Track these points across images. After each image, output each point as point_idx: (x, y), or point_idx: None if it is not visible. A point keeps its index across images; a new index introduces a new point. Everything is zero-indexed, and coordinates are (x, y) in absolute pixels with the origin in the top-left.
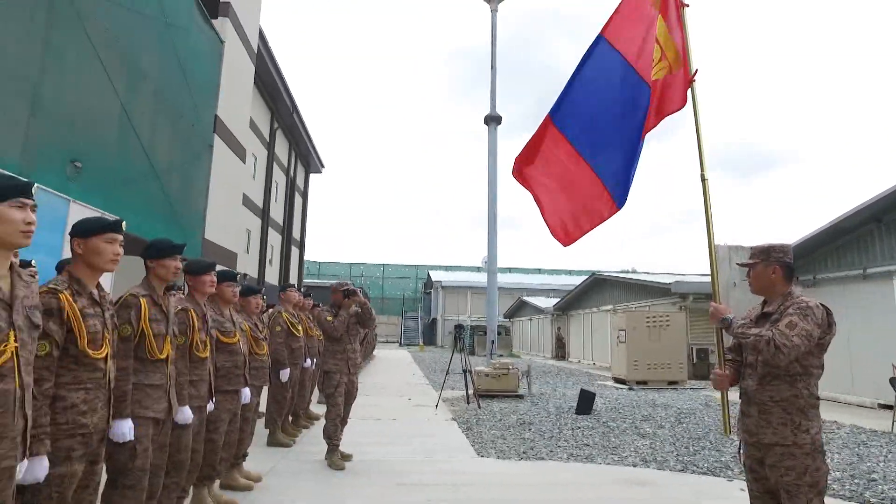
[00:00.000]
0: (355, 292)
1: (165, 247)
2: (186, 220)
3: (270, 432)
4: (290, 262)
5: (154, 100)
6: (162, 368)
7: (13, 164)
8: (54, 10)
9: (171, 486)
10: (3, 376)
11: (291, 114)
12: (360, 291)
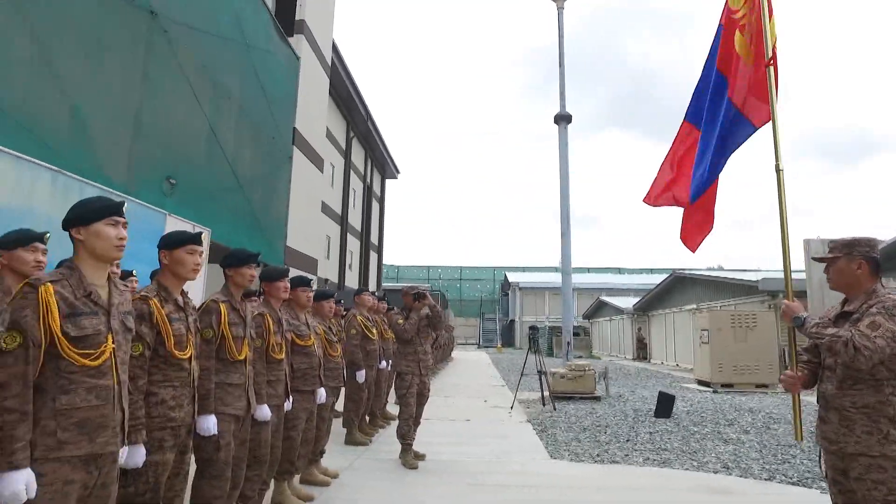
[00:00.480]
0: (425, 295)
1: (241, 256)
2: (269, 229)
3: (348, 431)
4: (369, 267)
5: (237, 117)
6: (241, 369)
7: (120, 183)
8: (151, 43)
9: (253, 478)
10: (103, 374)
11: (366, 122)
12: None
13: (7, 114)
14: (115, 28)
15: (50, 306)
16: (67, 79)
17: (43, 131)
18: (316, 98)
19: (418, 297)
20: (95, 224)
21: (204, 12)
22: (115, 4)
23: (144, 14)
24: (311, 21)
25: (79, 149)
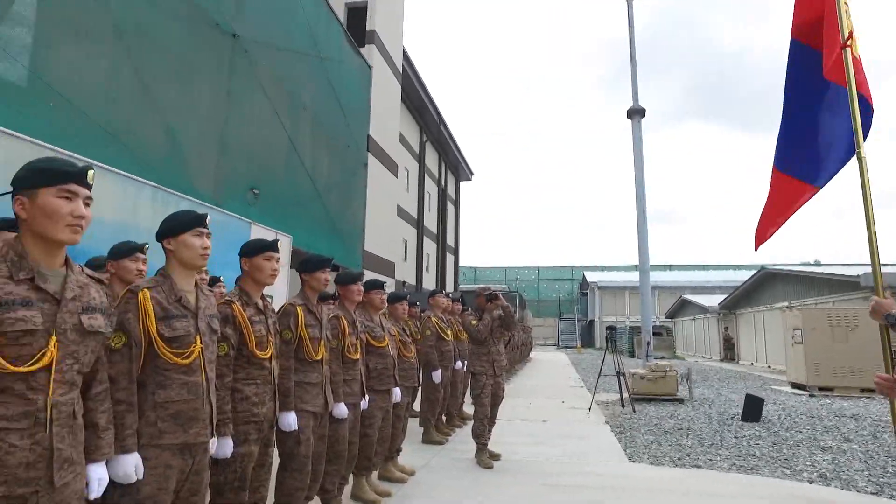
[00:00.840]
0: (498, 296)
1: (315, 261)
2: (347, 234)
3: (424, 430)
4: (446, 269)
5: (313, 127)
6: (318, 368)
7: (209, 195)
8: (233, 63)
9: (333, 472)
10: (193, 371)
11: (438, 126)
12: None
13: (115, 137)
14: (202, 52)
15: (147, 310)
16: (163, 102)
17: (143, 151)
18: (388, 105)
19: (491, 298)
20: (183, 235)
21: (280, 30)
22: (201, 31)
23: (227, 37)
24: (382, 31)
25: (173, 165)
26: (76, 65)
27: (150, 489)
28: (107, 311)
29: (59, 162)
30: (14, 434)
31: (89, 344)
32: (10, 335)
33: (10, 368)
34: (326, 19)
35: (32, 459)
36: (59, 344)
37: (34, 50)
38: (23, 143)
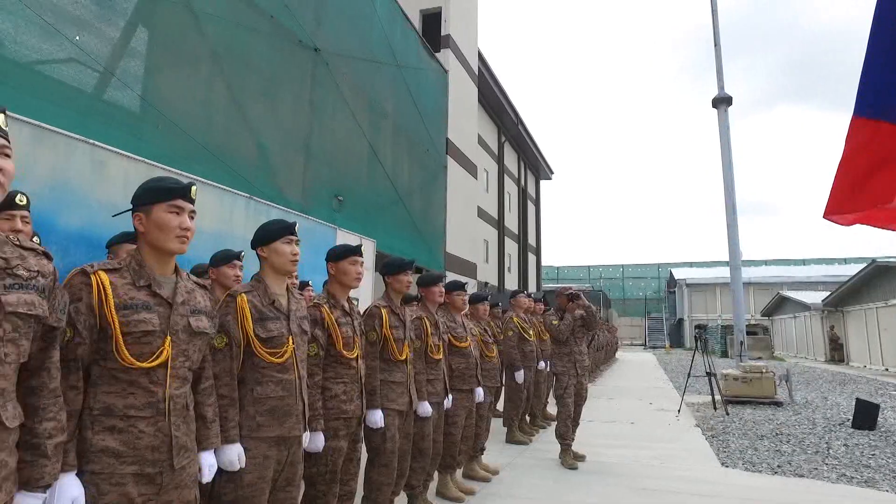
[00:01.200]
0: (579, 296)
1: (397, 264)
2: (429, 237)
3: (508, 430)
4: (528, 269)
5: (393, 133)
6: (402, 368)
7: (296, 204)
8: (316, 76)
9: (418, 469)
10: (287, 369)
11: (516, 125)
12: (599, 294)
13: (211, 153)
14: (286, 68)
15: (245, 312)
16: (252, 117)
17: (237, 165)
18: (466, 108)
19: (572, 298)
20: (274, 243)
21: (358, 42)
22: (285, 47)
23: (309, 51)
24: (456, 34)
25: (264, 177)
26: (178, 89)
27: (251, 477)
28: (211, 313)
29: (167, 180)
30: (142, 422)
31: (197, 343)
32: (134, 335)
33: (136, 364)
34: (402, 28)
35: (157, 444)
36: (173, 343)
37: (145, 79)
38: (137, 163)
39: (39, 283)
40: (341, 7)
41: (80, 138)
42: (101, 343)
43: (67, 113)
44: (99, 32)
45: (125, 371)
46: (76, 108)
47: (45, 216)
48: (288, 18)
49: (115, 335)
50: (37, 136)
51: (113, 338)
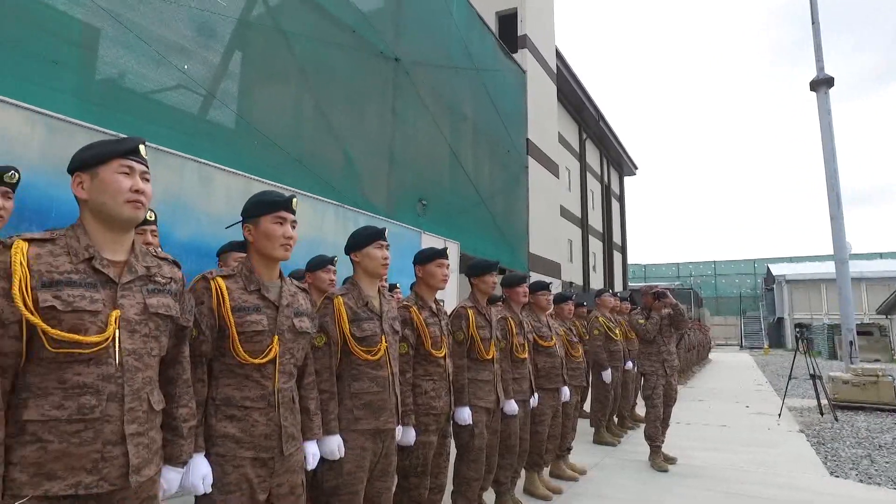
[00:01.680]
0: (665, 294)
1: (482, 266)
2: (512, 237)
3: (596, 431)
4: (614, 268)
5: (473, 137)
6: (489, 367)
7: (382, 209)
8: (397, 84)
9: (506, 466)
10: (380, 366)
11: (598, 122)
12: (689, 293)
13: (302, 164)
14: (369, 78)
15: (341, 314)
16: (339, 128)
17: (326, 174)
18: (545, 107)
19: (658, 297)
20: (366, 248)
21: (437, 49)
22: (367, 60)
23: (390, 62)
24: (533, 34)
25: (351, 184)
26: (270, 105)
27: (350, 466)
28: (311, 315)
29: (272, 194)
30: (256, 412)
31: (300, 342)
32: (246, 334)
33: (249, 360)
34: (479, 31)
35: (269, 432)
36: (280, 342)
37: (240, 98)
38: (237, 177)
39: (172, 288)
40: (419, 16)
41: (189, 157)
42: (220, 341)
43: (177, 135)
44: (202, 59)
45: (241, 366)
46: (184, 130)
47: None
48: (369, 32)
49: (232, 334)
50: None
51: (230, 337)
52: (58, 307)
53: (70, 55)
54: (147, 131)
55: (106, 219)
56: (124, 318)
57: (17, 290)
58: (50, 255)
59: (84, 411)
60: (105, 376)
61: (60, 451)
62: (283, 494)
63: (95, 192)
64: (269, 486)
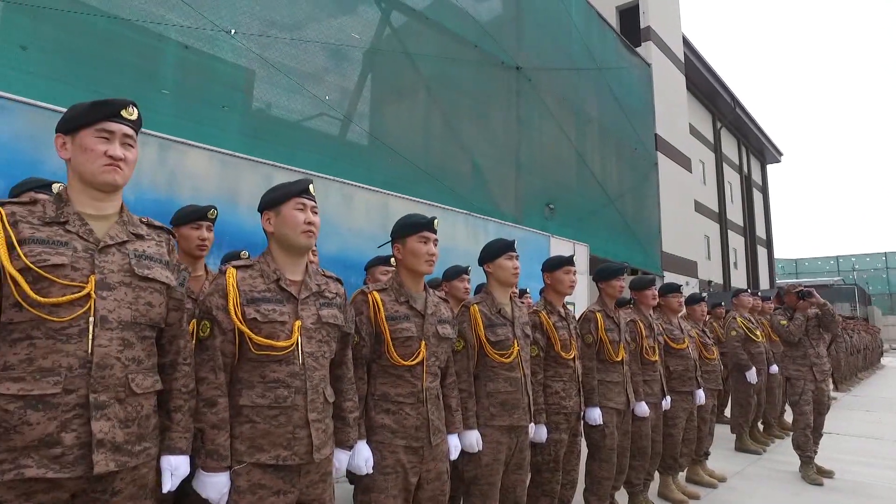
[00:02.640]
0: (811, 293)
1: (609, 270)
2: (643, 237)
3: (737, 437)
4: (758, 264)
5: (599, 137)
6: (619, 369)
7: (510, 216)
8: (520, 92)
9: (638, 467)
10: (513, 368)
11: (733, 109)
12: (853, 289)
13: (432, 176)
14: (493, 89)
15: (477, 320)
16: (466, 139)
17: (455, 184)
18: (673, 99)
19: (803, 296)
20: (498, 259)
21: (557, 53)
22: (491, 71)
23: (512, 71)
24: (657, 25)
25: (479, 193)
26: (400, 123)
27: (487, 459)
28: (452, 322)
29: (416, 216)
30: (407, 406)
31: (443, 346)
32: (398, 340)
33: (402, 363)
34: (599, 30)
35: (419, 424)
36: (426, 346)
37: (372, 118)
38: (374, 193)
39: (337, 301)
40: (538, 23)
41: (332, 178)
42: (377, 346)
43: (322, 158)
44: (339, 88)
45: (394, 367)
46: (327, 153)
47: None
48: (490, 44)
49: (386, 340)
50: None
51: (385, 342)
52: (258, 319)
53: (235, 99)
54: (295, 158)
55: (287, 247)
56: (304, 326)
57: (231, 306)
58: (250, 277)
59: (279, 400)
60: (292, 373)
61: (265, 430)
62: (430, 479)
63: (279, 226)
64: (419, 471)
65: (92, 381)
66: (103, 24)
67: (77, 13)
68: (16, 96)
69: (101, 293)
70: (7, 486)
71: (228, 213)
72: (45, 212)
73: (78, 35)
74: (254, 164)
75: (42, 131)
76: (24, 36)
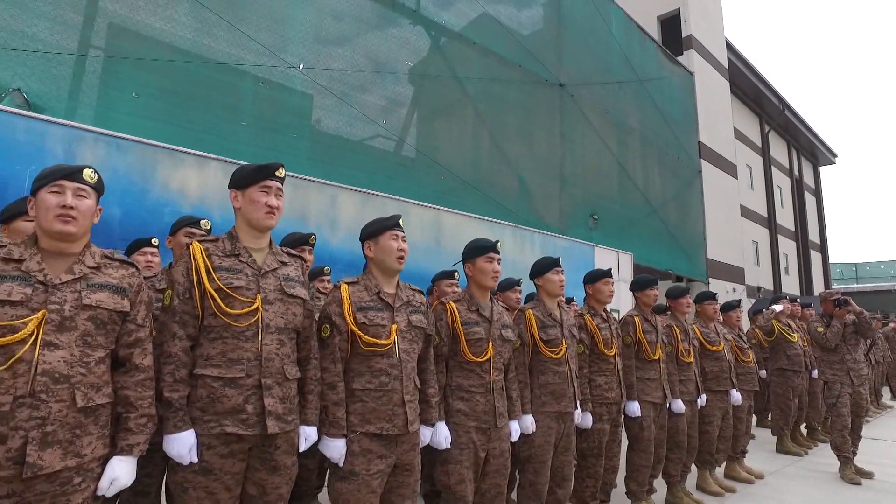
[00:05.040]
0: (847, 301)
1: (643, 282)
2: (688, 244)
3: (778, 439)
4: (811, 269)
5: (641, 148)
6: (655, 367)
7: (555, 227)
8: (563, 108)
9: (674, 459)
10: (561, 363)
11: (782, 112)
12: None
13: (479, 190)
14: (537, 105)
15: (532, 323)
16: (511, 154)
17: (502, 198)
18: (717, 106)
19: (840, 304)
20: (546, 274)
21: (598, 67)
22: (534, 88)
23: (555, 88)
24: (699, 32)
25: (525, 205)
26: (450, 142)
27: (539, 440)
28: (513, 326)
29: (482, 240)
30: (478, 395)
31: (506, 346)
32: (471, 341)
33: (474, 360)
34: (640, 41)
35: (487, 409)
36: (493, 346)
37: (425, 139)
38: (428, 209)
39: (423, 308)
40: (579, 39)
41: (389, 196)
42: (453, 346)
43: (379, 178)
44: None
45: (467, 363)
46: (384, 173)
47: None
48: (533, 63)
49: (461, 341)
50: (364, 200)
51: (460, 342)
52: (366, 323)
53: (303, 127)
54: (357, 178)
55: (384, 269)
56: (399, 329)
57: (346, 312)
58: (358, 291)
59: (382, 385)
60: (391, 364)
61: (372, 407)
62: (496, 455)
63: (378, 253)
64: (487, 448)
65: (262, 370)
66: (194, 69)
67: (175, 62)
68: (129, 136)
69: (265, 307)
70: (215, 437)
71: (300, 230)
72: (224, 247)
73: (175, 80)
74: (320, 185)
75: (148, 165)
76: (135, 85)
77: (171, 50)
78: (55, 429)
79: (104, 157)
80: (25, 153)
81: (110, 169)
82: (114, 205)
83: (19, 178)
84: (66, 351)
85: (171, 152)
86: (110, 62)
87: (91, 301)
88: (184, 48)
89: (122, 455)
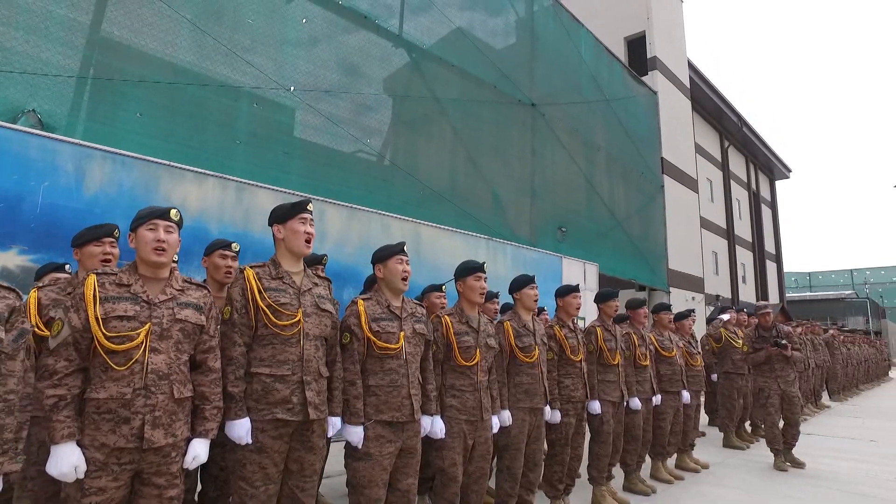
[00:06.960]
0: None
1: (605, 295)
2: (650, 255)
3: (724, 436)
4: (766, 278)
5: (607, 164)
6: (614, 370)
7: (525, 239)
8: (534, 127)
9: (631, 451)
10: (534, 366)
11: (740, 128)
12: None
13: (453, 205)
14: (510, 123)
15: (509, 332)
16: (486, 170)
17: (477, 212)
18: (679, 124)
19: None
20: (523, 289)
21: (568, 87)
22: (507, 109)
23: (528, 107)
24: (663, 54)
25: (497, 218)
26: (430, 161)
27: (515, 431)
28: (495, 336)
29: (472, 262)
30: (467, 393)
31: (490, 352)
32: (462, 348)
33: (463, 363)
34: (607, 63)
35: (474, 405)
36: (480, 352)
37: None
38: (407, 223)
39: (423, 318)
40: (550, 60)
41: (374, 211)
42: (447, 352)
43: (363, 193)
44: (377, 131)
45: (459, 367)
46: (368, 189)
47: (355, 269)
48: (507, 85)
49: (454, 348)
50: (350, 215)
51: (453, 349)
52: (379, 331)
53: (294, 145)
54: (342, 193)
55: (392, 288)
56: (406, 336)
57: (363, 322)
58: (371, 305)
59: (393, 382)
60: (399, 365)
61: (384, 400)
62: (481, 443)
63: (387, 274)
64: (474, 437)
65: (304, 369)
66: (194, 91)
67: (176, 84)
68: (134, 154)
69: (305, 319)
70: (267, 422)
71: None
72: (270, 271)
73: (177, 101)
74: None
75: (152, 181)
76: (140, 105)
77: (174, 71)
78: (160, 414)
79: (111, 174)
80: (39, 170)
81: (117, 184)
82: (120, 218)
83: (34, 192)
84: (166, 355)
85: (172, 169)
86: (117, 84)
87: (182, 316)
88: (185, 69)
89: (200, 437)
